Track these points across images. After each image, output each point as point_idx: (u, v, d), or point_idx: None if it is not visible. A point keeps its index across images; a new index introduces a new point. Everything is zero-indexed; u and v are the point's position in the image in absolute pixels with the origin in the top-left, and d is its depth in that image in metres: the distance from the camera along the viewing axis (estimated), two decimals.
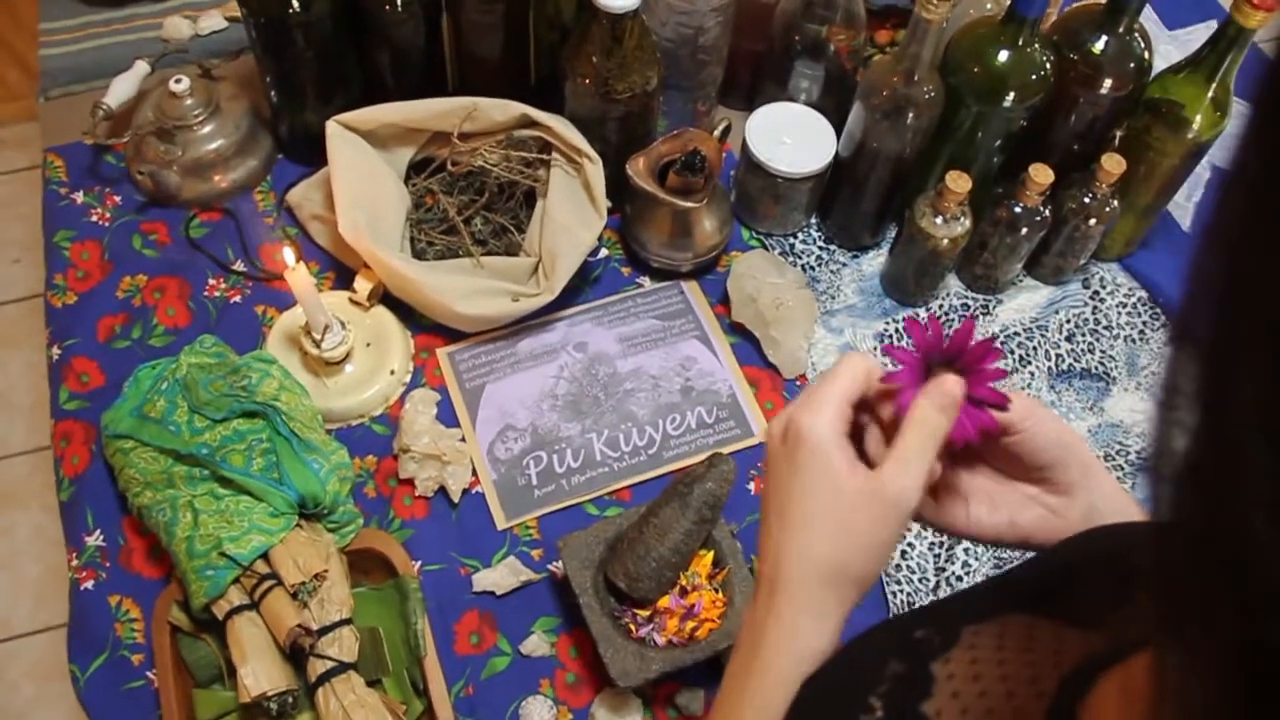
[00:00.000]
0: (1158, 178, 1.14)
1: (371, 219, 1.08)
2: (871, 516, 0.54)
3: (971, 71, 1.07)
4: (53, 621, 1.82)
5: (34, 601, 1.84)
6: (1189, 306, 0.30)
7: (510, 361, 1.12)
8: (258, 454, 0.94)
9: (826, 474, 0.55)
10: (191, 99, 1.15)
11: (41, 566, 1.87)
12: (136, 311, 1.12)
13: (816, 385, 0.58)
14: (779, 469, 0.58)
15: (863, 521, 0.54)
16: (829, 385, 0.57)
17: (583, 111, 1.12)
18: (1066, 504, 0.62)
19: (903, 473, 0.54)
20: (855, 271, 1.22)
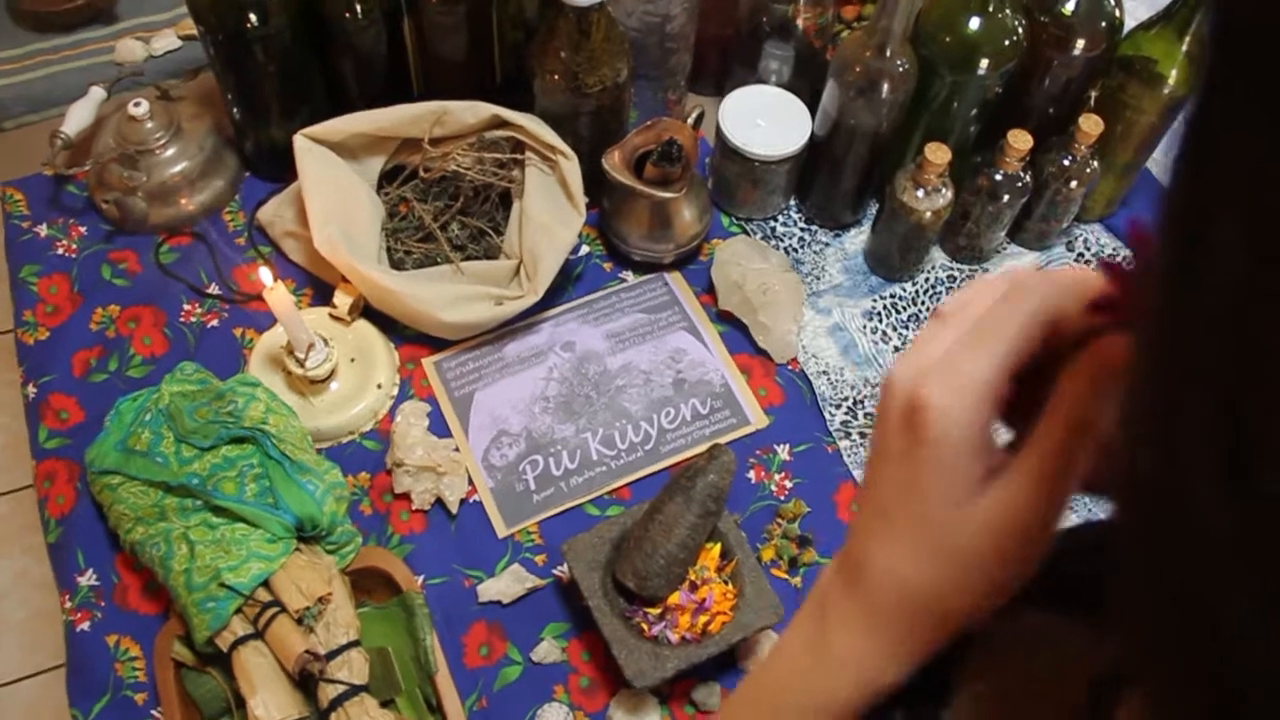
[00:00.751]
0: (1136, 136, 1.13)
1: (346, 232, 1.06)
2: (992, 536, 0.41)
3: (944, 41, 1.06)
4: (44, 665, 1.78)
5: (22, 647, 1.80)
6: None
7: (498, 366, 1.10)
8: (250, 480, 0.92)
9: (953, 483, 0.41)
10: (152, 122, 1.12)
11: (27, 611, 1.83)
12: (112, 343, 1.10)
13: (970, 341, 0.40)
14: (889, 456, 0.43)
15: (979, 543, 0.41)
16: (986, 349, 0.39)
17: (554, 108, 1.10)
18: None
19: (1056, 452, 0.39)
20: (839, 251, 1.21)
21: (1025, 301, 0.39)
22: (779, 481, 1.06)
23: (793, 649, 0.48)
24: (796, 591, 1.01)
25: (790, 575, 1.01)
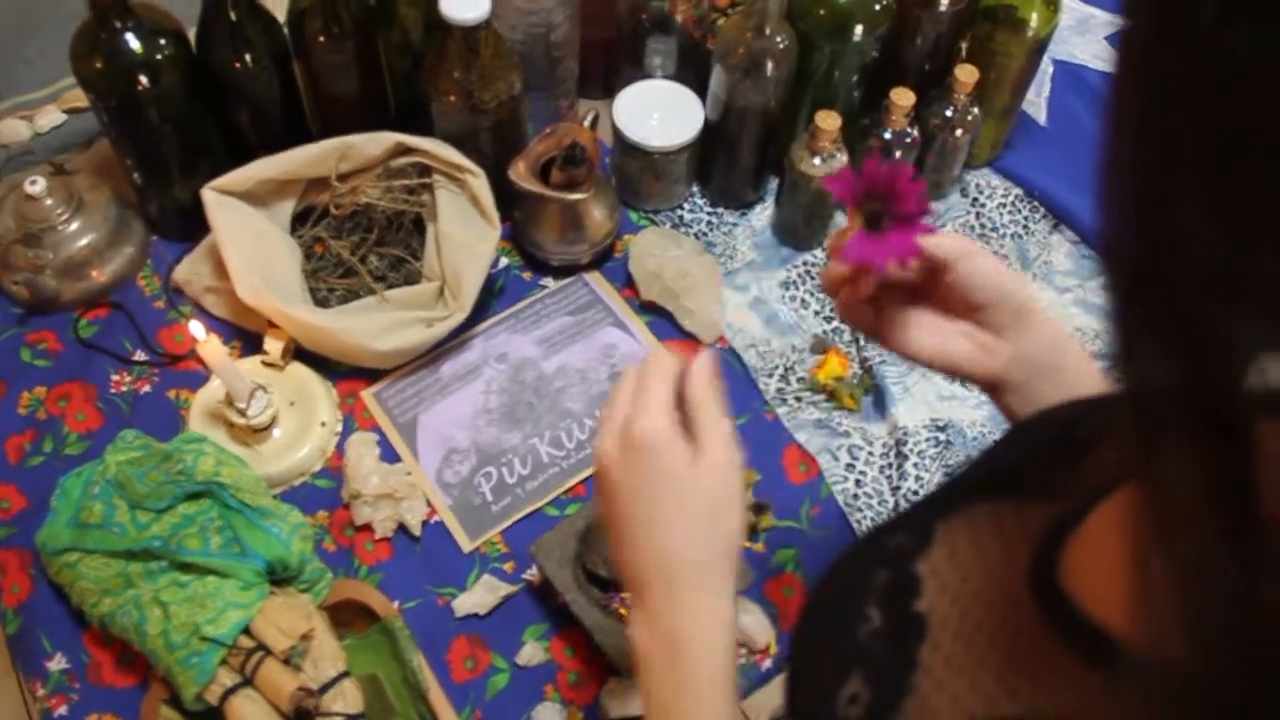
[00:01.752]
0: (1008, 80, 1.19)
1: (268, 277, 1.06)
2: (719, 486, 0.63)
3: (818, 15, 1.11)
4: None
5: None
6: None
7: (437, 388, 1.12)
8: (213, 533, 0.92)
9: (673, 469, 0.62)
10: (51, 199, 1.11)
11: None
12: (43, 425, 1.08)
13: (638, 391, 0.65)
14: (622, 480, 0.63)
15: (719, 492, 0.63)
16: (651, 389, 0.64)
17: (453, 128, 1.12)
18: (997, 344, 0.68)
19: (718, 439, 0.64)
20: (747, 228, 1.25)
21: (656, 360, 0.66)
22: None
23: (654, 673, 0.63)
24: (759, 556, 1.04)
25: (752, 542, 1.04)
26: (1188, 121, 0.28)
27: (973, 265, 0.66)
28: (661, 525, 0.62)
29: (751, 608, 1.00)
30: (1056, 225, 1.27)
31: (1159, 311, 0.30)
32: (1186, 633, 0.29)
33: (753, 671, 0.99)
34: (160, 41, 1.03)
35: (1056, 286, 1.23)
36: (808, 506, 1.07)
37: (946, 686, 0.45)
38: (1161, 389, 0.30)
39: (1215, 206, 0.28)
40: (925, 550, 0.53)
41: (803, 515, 1.07)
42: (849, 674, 0.50)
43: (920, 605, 0.50)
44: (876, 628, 0.51)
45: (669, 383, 0.65)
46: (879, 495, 1.07)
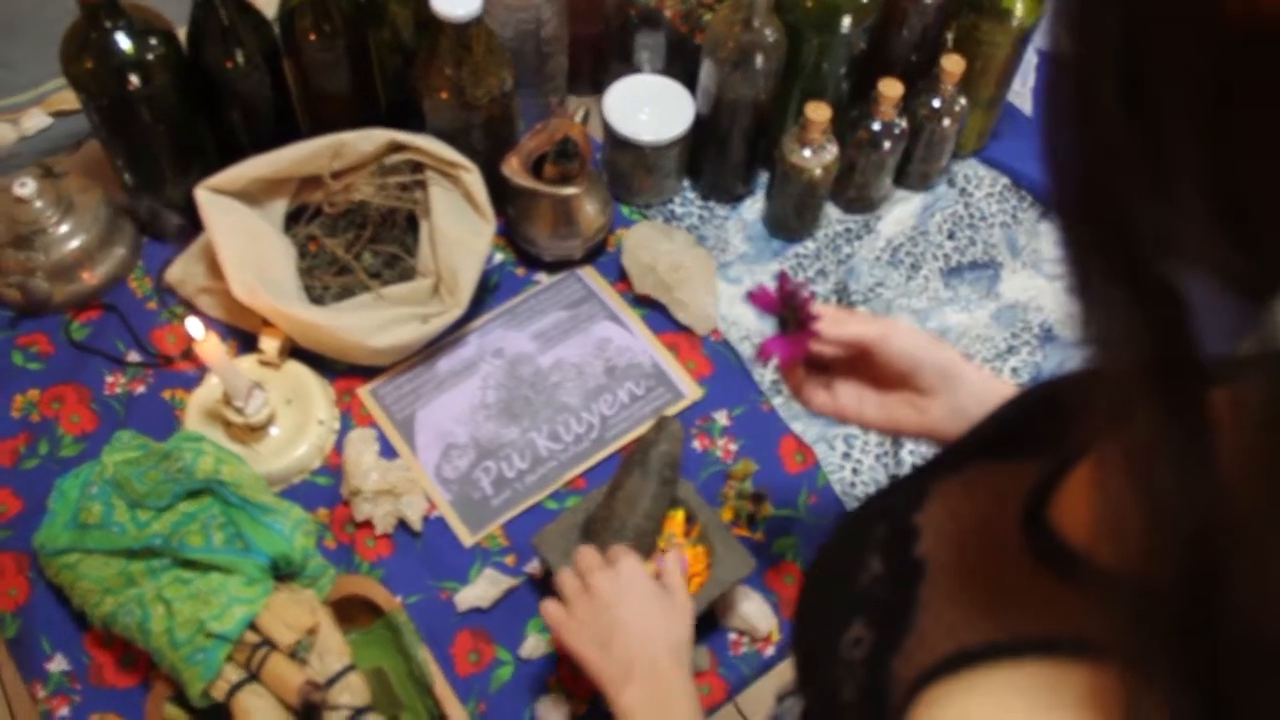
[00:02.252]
0: (994, 69, 1.21)
1: (263, 276, 1.06)
2: (675, 604, 0.83)
3: (806, 7, 1.12)
4: None
5: None
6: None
7: (433, 384, 1.12)
8: (215, 529, 0.92)
9: (649, 587, 0.83)
10: (41, 201, 1.11)
11: None
12: (37, 427, 1.08)
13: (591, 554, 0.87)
14: (597, 602, 0.81)
15: (672, 609, 0.83)
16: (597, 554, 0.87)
17: (445, 125, 1.13)
18: (930, 403, 0.80)
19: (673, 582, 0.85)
20: (738, 221, 1.26)
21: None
22: (723, 446, 1.10)
23: None
24: (759, 545, 1.04)
25: (752, 532, 1.05)
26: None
27: (888, 345, 0.78)
28: (639, 629, 0.80)
29: (753, 596, 1.01)
30: (1044, 213, 1.29)
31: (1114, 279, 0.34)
32: (1146, 550, 0.35)
33: (755, 659, 1.00)
34: (151, 41, 1.03)
35: (1045, 274, 1.24)
36: (805, 495, 1.08)
37: (943, 620, 0.49)
38: (1125, 362, 0.35)
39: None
40: (922, 504, 0.57)
41: (800, 504, 1.07)
42: (851, 620, 0.54)
43: (919, 551, 0.54)
44: (877, 575, 0.55)
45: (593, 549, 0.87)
46: (875, 483, 1.08)
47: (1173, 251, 0.33)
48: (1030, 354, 1.18)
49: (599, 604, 0.81)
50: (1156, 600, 0.35)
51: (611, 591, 0.81)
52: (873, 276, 1.21)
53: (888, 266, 1.23)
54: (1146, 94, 0.31)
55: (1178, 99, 0.30)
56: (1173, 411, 0.34)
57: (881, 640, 0.51)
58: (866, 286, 1.20)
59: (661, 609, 0.82)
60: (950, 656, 0.46)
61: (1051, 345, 1.19)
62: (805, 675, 0.60)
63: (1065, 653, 0.42)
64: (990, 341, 1.19)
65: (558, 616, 0.82)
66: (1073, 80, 0.34)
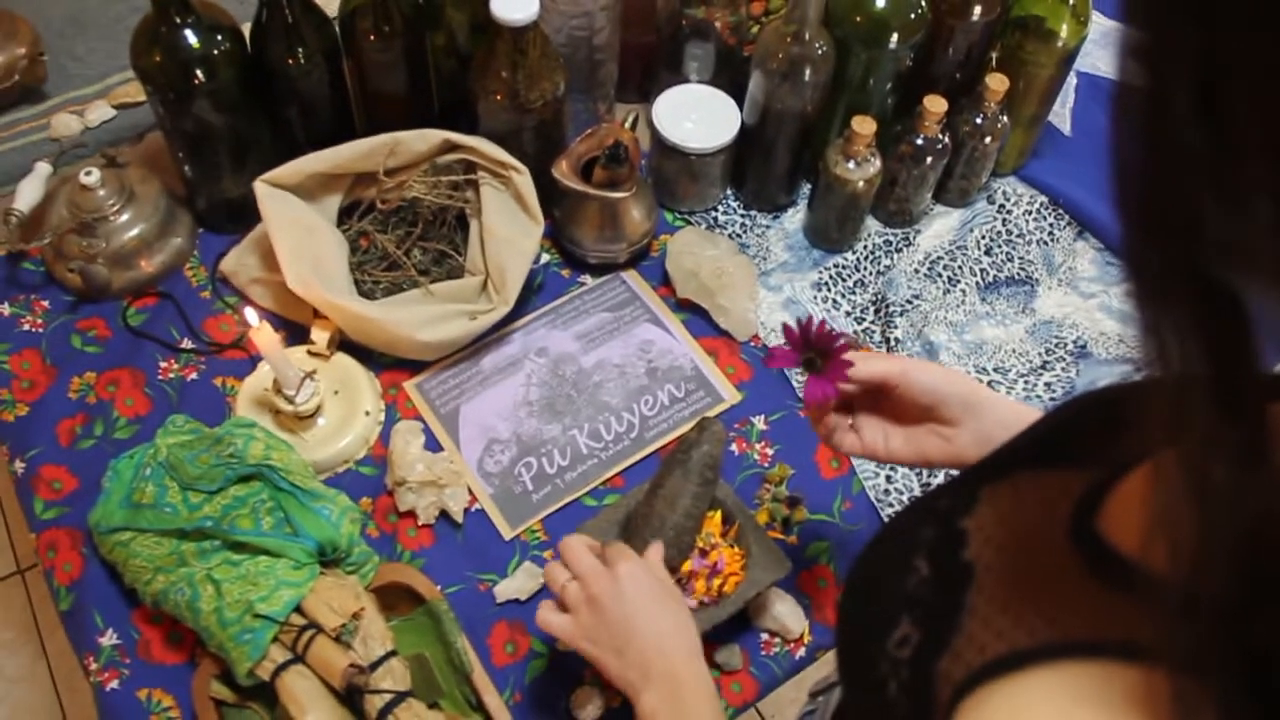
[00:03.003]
0: (1037, 89, 1.22)
1: (316, 269, 1.09)
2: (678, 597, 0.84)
3: (855, 21, 1.14)
4: None
5: None
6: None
7: (478, 380, 1.14)
8: (265, 513, 0.95)
9: (653, 587, 0.83)
10: (104, 189, 1.14)
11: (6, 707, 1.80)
12: (94, 409, 1.11)
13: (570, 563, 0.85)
14: (605, 612, 0.81)
15: (680, 604, 0.84)
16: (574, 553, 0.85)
17: (498, 127, 1.15)
18: (955, 433, 0.82)
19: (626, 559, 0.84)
20: (779, 231, 1.28)
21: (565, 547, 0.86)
22: (760, 450, 1.12)
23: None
24: (793, 549, 1.06)
25: (786, 535, 1.07)
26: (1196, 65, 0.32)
27: (909, 380, 0.81)
28: (653, 631, 0.80)
29: (786, 598, 1.02)
30: (1081, 232, 1.30)
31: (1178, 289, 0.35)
32: (1200, 557, 0.36)
33: (787, 660, 1.02)
34: (217, 37, 1.06)
35: (1081, 292, 1.26)
36: (840, 501, 1.10)
37: (992, 623, 0.49)
38: (1185, 372, 0.35)
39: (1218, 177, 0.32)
40: (971, 509, 0.58)
41: (835, 510, 1.09)
42: (899, 619, 0.54)
43: (966, 555, 0.55)
44: (925, 577, 0.56)
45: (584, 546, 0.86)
46: (909, 491, 1.10)
47: (1238, 262, 0.33)
48: (1064, 370, 1.19)
49: (607, 613, 0.81)
50: (1209, 607, 0.36)
51: (615, 597, 0.81)
52: (910, 289, 1.23)
53: (926, 279, 1.25)
54: (1221, 104, 0.31)
55: (1252, 109, 0.30)
56: (1231, 422, 0.34)
57: (928, 640, 0.52)
58: (904, 298, 1.22)
59: (668, 607, 0.82)
60: (1001, 658, 0.47)
61: (1085, 361, 1.20)
62: (849, 671, 0.61)
63: (1114, 655, 0.42)
64: (1025, 356, 1.20)
65: (566, 629, 0.83)
66: (1146, 88, 0.34)
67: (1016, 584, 0.51)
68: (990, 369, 1.18)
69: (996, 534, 0.55)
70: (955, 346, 1.19)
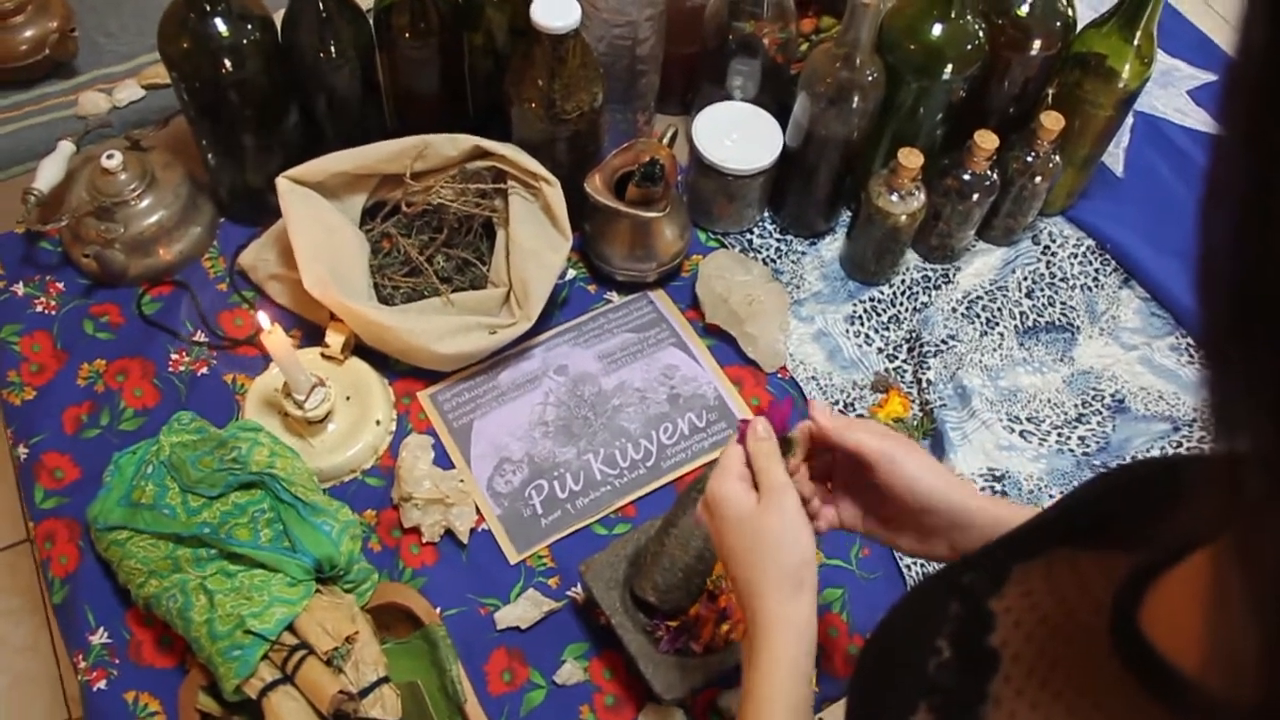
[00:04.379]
0: (1093, 129, 1.18)
1: (335, 270, 1.06)
2: (775, 519, 0.72)
3: (908, 49, 1.09)
4: None
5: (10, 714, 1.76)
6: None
7: (494, 395, 1.11)
8: (263, 525, 0.92)
9: (741, 514, 0.73)
10: (125, 173, 1.11)
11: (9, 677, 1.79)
12: (101, 398, 1.09)
13: (721, 460, 0.78)
14: (714, 530, 0.76)
15: (773, 526, 0.72)
16: (721, 462, 0.77)
17: (531, 136, 1.12)
18: (934, 540, 0.78)
19: (768, 482, 0.74)
20: (815, 259, 1.24)
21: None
22: None
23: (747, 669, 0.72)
24: None
25: None
26: None
27: (894, 470, 0.76)
28: (739, 557, 0.74)
29: None
30: (1127, 280, 1.26)
31: (1252, 372, 0.32)
32: (1262, 675, 0.31)
33: None
34: (247, 26, 1.03)
35: (1123, 344, 1.21)
36: (857, 548, 1.06)
37: (1016, 717, 0.47)
38: (1252, 454, 0.32)
39: None
40: (1000, 589, 0.54)
41: (852, 556, 1.05)
42: (916, 705, 0.52)
43: (993, 640, 0.51)
44: (946, 660, 0.53)
45: (739, 452, 0.77)
46: None
47: None
48: (1100, 424, 1.15)
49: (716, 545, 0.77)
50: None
51: (710, 522, 0.76)
52: (946, 328, 1.19)
53: (963, 319, 1.20)
54: None
55: None
56: None
57: None
58: (939, 338, 1.18)
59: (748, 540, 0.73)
60: None
61: (1122, 417, 1.15)
62: None
63: None
64: (1060, 407, 1.16)
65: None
66: (1247, 186, 0.32)
67: (1046, 679, 0.48)
68: (1023, 418, 1.14)
69: (1027, 620, 0.52)
70: (989, 392, 1.15)
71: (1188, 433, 1.14)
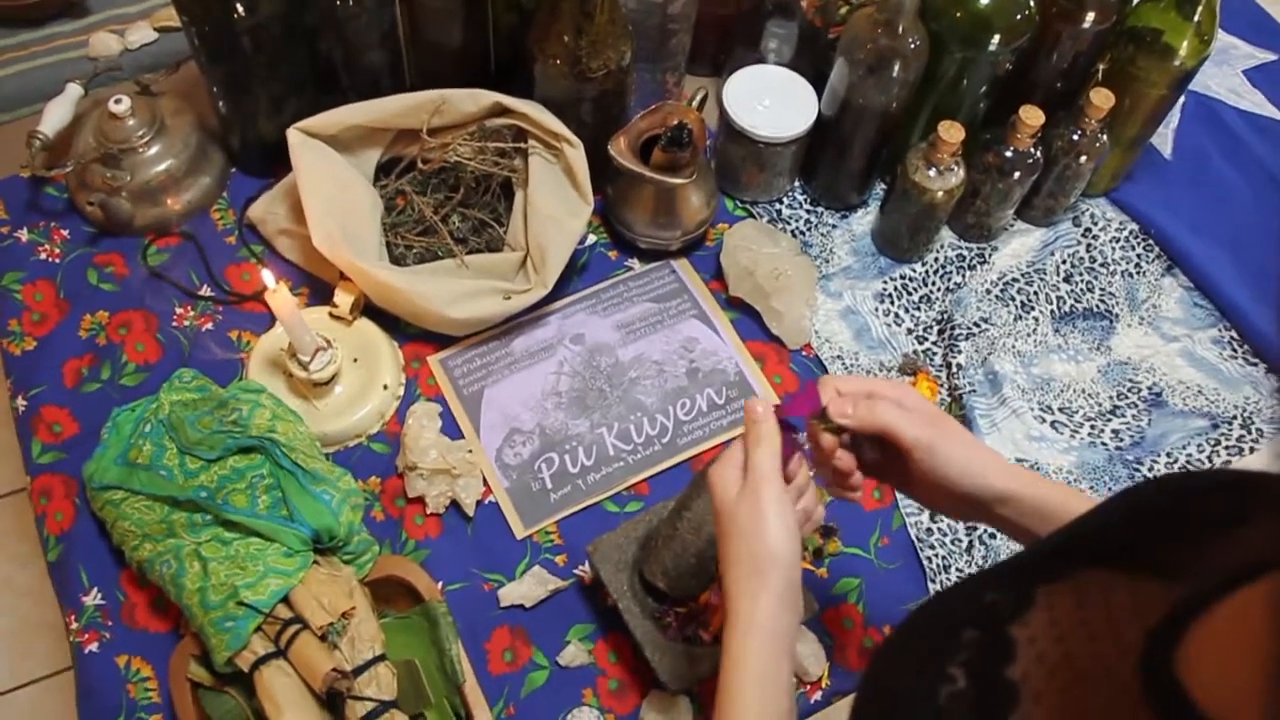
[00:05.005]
0: (1144, 109, 1.12)
1: (345, 228, 1.02)
2: (747, 507, 0.69)
3: (954, 17, 1.04)
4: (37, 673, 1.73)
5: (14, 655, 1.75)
6: None
7: (506, 362, 1.07)
8: (261, 491, 0.89)
9: (722, 501, 0.71)
10: (134, 119, 1.07)
11: (14, 619, 1.78)
12: (103, 351, 1.05)
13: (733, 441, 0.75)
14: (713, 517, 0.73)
15: (743, 514, 0.69)
16: (738, 439, 0.73)
17: (555, 94, 1.07)
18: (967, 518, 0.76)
19: (753, 467, 0.70)
20: (846, 232, 1.19)
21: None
22: None
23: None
24: (822, 582, 0.99)
25: (815, 566, 1.00)
26: None
27: (928, 463, 0.71)
28: (720, 546, 0.71)
29: (808, 636, 0.95)
30: (1170, 268, 1.20)
31: None
32: None
33: (801, 704, 0.95)
34: None
35: (1164, 335, 1.16)
36: (877, 536, 1.02)
37: None
38: None
39: None
40: (1023, 614, 0.50)
41: (871, 545, 1.01)
42: None
43: (1012, 672, 0.47)
44: (960, 690, 0.49)
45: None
46: (953, 533, 1.02)
47: None
48: (1135, 417, 1.10)
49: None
50: None
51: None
52: (980, 311, 1.14)
53: (997, 302, 1.16)
54: None
55: None
56: None
57: None
58: (971, 320, 1.13)
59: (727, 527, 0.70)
60: None
61: (1159, 411, 1.11)
62: None
63: None
64: (1094, 399, 1.11)
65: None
66: None
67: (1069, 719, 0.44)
68: (1055, 408, 1.09)
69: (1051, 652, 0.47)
70: (1021, 379, 1.10)
71: (1226, 430, 1.09)
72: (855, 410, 0.72)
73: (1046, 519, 0.70)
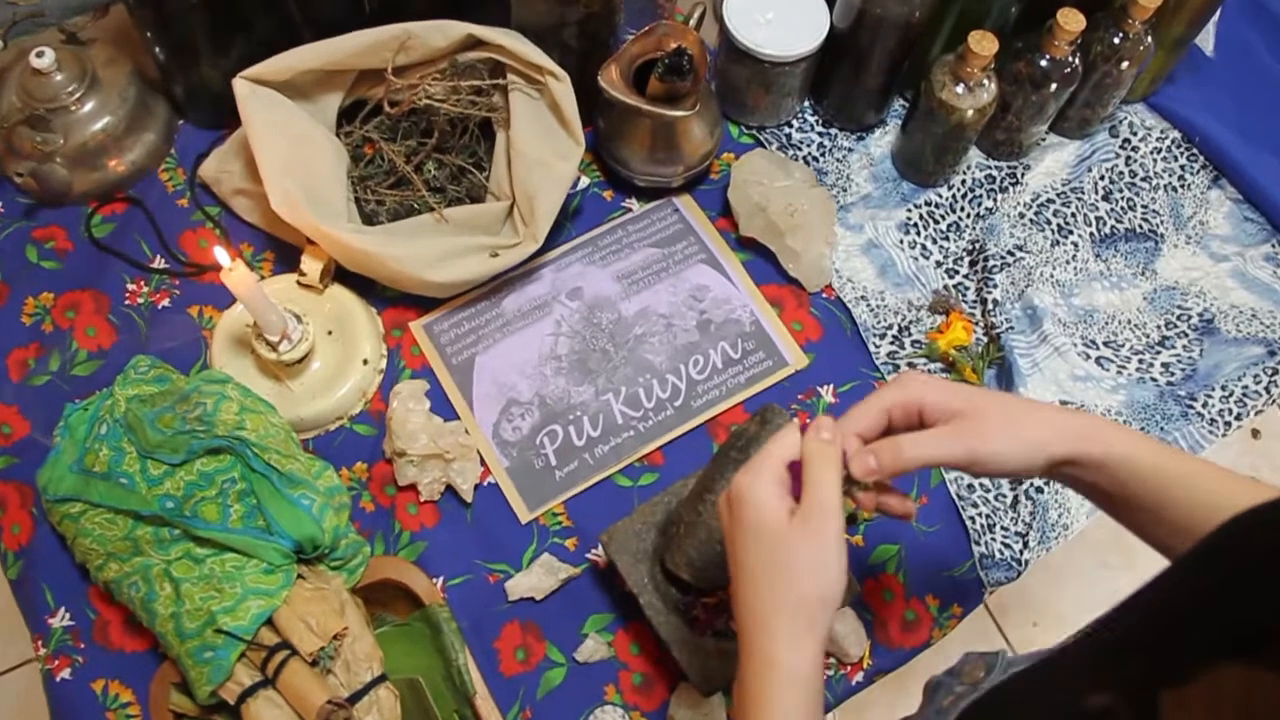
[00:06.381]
0: (1191, 6, 1.00)
1: (307, 186, 0.91)
2: (808, 544, 0.60)
3: None
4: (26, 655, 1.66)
5: None
6: None
7: (498, 324, 0.97)
8: (234, 499, 0.79)
9: (764, 524, 0.61)
10: (61, 74, 0.95)
11: None
12: (49, 338, 0.95)
13: (756, 454, 0.64)
14: (730, 533, 0.63)
15: (802, 551, 0.60)
16: (763, 451, 0.64)
17: (534, 20, 0.95)
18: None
19: (815, 497, 0.60)
20: (864, 156, 1.08)
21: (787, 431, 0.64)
22: None
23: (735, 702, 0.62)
24: (858, 552, 0.91)
25: (851, 534, 0.91)
26: None
27: (977, 469, 0.63)
28: (751, 574, 0.62)
29: (847, 615, 0.87)
30: (1217, 179, 1.10)
31: None
32: None
33: (841, 685, 0.87)
34: None
35: (1212, 254, 1.06)
36: (915, 495, 0.93)
37: None
38: None
39: None
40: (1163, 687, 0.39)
41: None
42: None
43: None
44: None
45: (785, 448, 0.64)
46: (996, 489, 0.94)
47: None
48: (1186, 348, 1.01)
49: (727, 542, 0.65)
50: None
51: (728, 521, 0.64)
52: (1013, 238, 1.04)
53: (1031, 226, 1.05)
54: None
55: None
56: None
57: None
58: (1005, 249, 1.03)
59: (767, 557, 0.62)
60: None
61: (1211, 339, 1.02)
62: None
63: None
64: (1141, 329, 1.02)
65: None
66: None
67: None
68: (1100, 342, 1.00)
69: None
70: (1061, 312, 1.01)
71: None
72: (880, 462, 0.62)
73: (1124, 481, 0.61)
